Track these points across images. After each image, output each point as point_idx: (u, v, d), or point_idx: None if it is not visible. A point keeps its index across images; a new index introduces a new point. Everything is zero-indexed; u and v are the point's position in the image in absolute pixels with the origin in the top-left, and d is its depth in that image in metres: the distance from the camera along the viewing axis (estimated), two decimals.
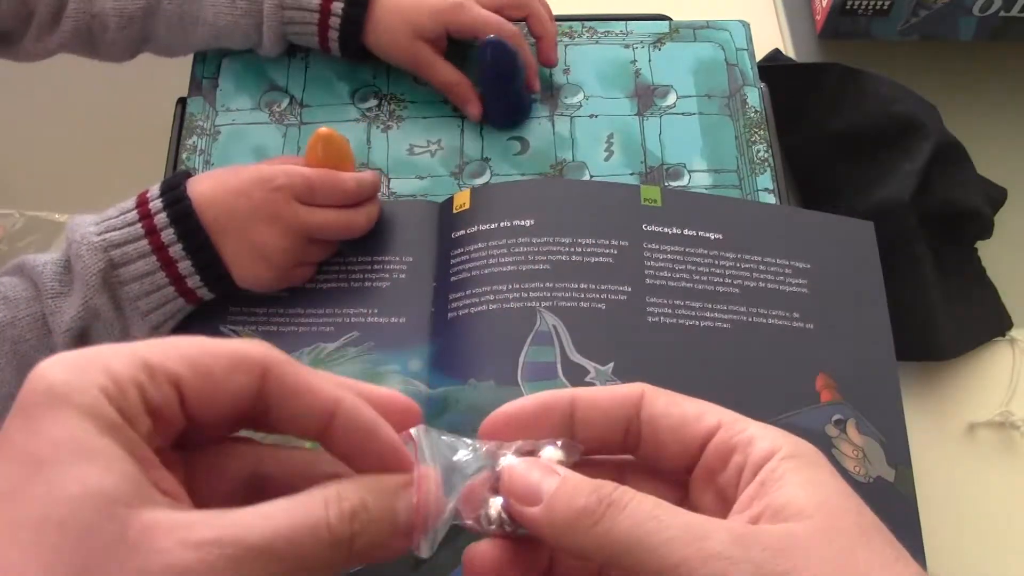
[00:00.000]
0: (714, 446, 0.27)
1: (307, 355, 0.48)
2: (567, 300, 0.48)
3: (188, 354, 0.24)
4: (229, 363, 0.25)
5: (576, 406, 0.28)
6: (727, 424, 0.27)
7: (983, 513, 0.54)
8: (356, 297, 0.50)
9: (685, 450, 0.28)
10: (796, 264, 0.51)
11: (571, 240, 0.50)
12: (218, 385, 0.25)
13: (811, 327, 0.49)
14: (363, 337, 0.49)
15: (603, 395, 0.28)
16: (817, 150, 0.64)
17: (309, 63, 0.61)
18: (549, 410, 0.28)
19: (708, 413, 0.28)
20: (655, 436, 0.28)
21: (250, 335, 0.49)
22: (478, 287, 0.49)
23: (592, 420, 0.28)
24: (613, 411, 0.28)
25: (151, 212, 0.47)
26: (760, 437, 0.26)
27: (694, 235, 0.51)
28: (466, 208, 0.52)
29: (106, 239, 0.46)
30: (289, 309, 0.50)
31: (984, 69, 0.71)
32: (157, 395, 0.24)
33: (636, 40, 0.62)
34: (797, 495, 0.24)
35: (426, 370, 0.48)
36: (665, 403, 0.28)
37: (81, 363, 0.23)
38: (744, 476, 0.26)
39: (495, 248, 0.50)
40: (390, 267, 0.51)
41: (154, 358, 0.24)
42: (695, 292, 0.49)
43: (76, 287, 0.46)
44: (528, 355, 0.46)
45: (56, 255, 0.47)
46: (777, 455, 0.26)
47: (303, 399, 0.25)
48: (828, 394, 0.47)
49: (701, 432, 0.27)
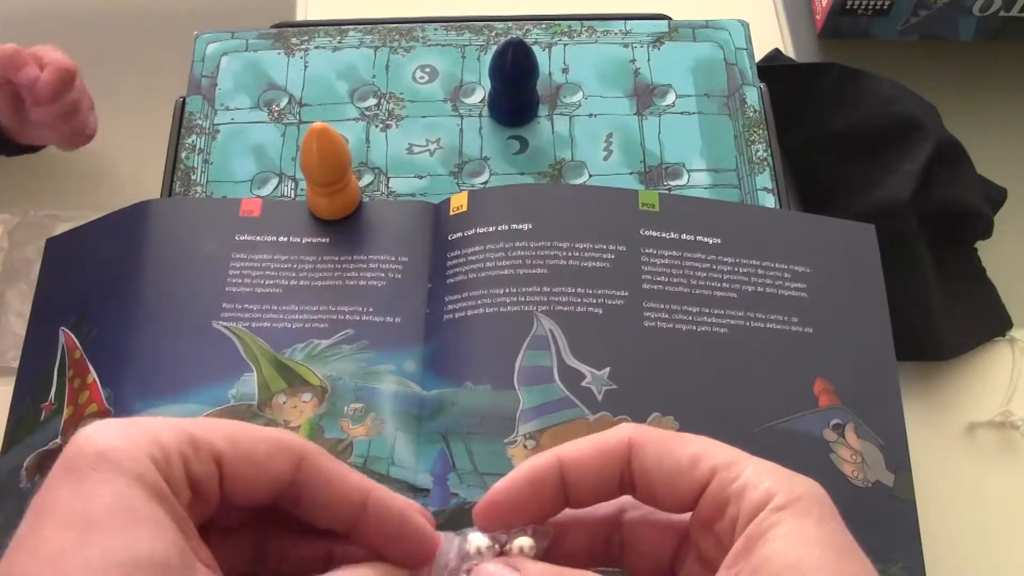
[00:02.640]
0: (709, 496, 0.26)
1: (301, 351, 0.48)
2: (564, 304, 0.48)
3: (230, 433, 0.25)
4: (269, 446, 0.25)
5: (564, 473, 0.28)
6: (721, 471, 0.26)
7: (983, 513, 0.54)
8: (351, 294, 0.50)
9: (681, 500, 0.27)
10: (795, 268, 0.50)
11: (568, 244, 0.49)
12: (257, 467, 0.25)
13: (810, 331, 0.49)
14: (357, 335, 0.49)
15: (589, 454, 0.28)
16: (817, 150, 0.64)
17: (308, 62, 0.61)
18: (540, 487, 0.28)
19: (702, 459, 0.27)
20: (649, 488, 0.28)
21: (243, 331, 0.49)
22: (474, 290, 0.49)
23: (584, 483, 0.28)
24: (603, 470, 0.28)
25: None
26: (753, 486, 0.26)
27: (692, 239, 0.50)
28: (463, 210, 0.52)
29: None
30: (283, 305, 0.50)
31: (984, 69, 0.71)
32: (200, 469, 0.24)
33: (635, 39, 0.62)
34: (773, 553, 0.24)
35: (420, 372, 0.47)
36: (655, 453, 0.27)
37: (130, 430, 0.23)
38: (737, 528, 0.26)
39: (492, 251, 0.50)
40: (385, 266, 0.51)
41: (199, 433, 0.24)
42: (692, 297, 0.49)
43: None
44: (525, 359, 0.46)
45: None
46: (768, 506, 0.25)
47: (337, 487, 0.26)
48: (827, 399, 0.47)
49: (696, 483, 0.27)
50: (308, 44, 0.61)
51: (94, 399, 0.48)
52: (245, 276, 0.50)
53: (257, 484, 0.25)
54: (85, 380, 0.49)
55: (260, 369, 0.47)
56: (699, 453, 0.27)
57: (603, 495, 0.28)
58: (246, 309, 0.50)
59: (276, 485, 0.26)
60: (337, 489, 0.26)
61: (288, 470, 0.26)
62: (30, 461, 0.48)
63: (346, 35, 0.62)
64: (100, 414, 0.47)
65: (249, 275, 0.50)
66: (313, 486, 0.26)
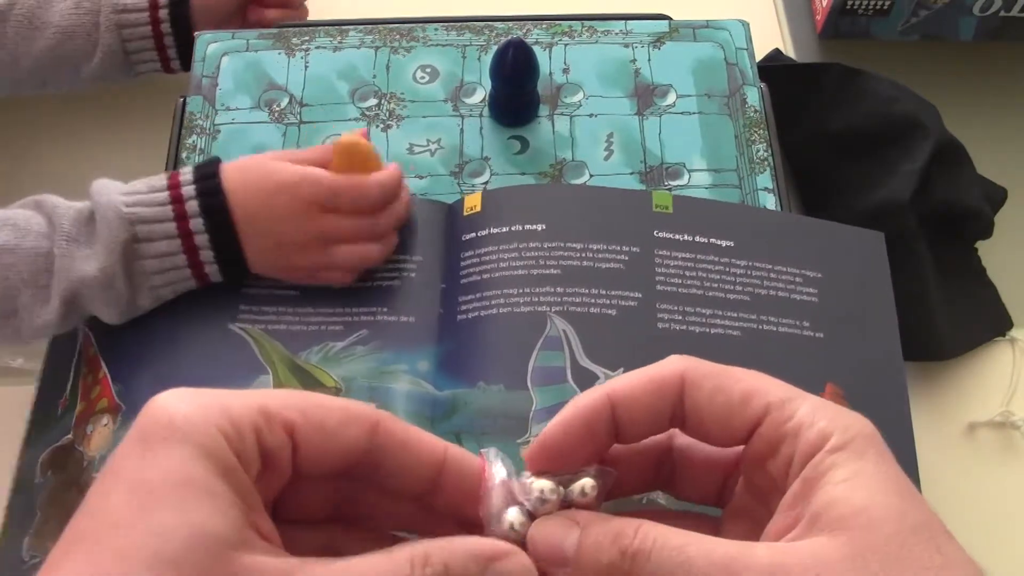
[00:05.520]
0: (762, 435, 0.26)
1: (316, 353, 0.48)
2: (577, 305, 0.48)
3: (303, 405, 0.25)
4: (342, 416, 0.25)
5: (616, 410, 0.27)
6: (775, 409, 0.26)
7: (983, 513, 0.54)
8: (365, 295, 0.50)
9: (733, 437, 0.27)
10: (807, 273, 0.50)
11: (582, 245, 0.49)
12: (330, 436, 0.25)
13: (821, 336, 0.49)
14: (371, 336, 0.49)
15: (641, 391, 0.27)
16: (817, 150, 0.64)
17: (309, 62, 0.61)
18: (591, 427, 0.27)
19: (755, 396, 0.26)
20: (700, 424, 0.27)
21: (259, 333, 0.49)
22: (488, 290, 0.49)
23: (635, 419, 0.27)
24: (655, 406, 0.27)
25: (183, 197, 0.47)
26: (808, 425, 0.25)
27: (705, 242, 0.50)
28: (477, 211, 0.52)
29: (135, 213, 0.47)
30: (299, 308, 0.50)
31: (984, 69, 0.71)
32: (272, 440, 0.24)
33: (636, 39, 0.62)
34: (836, 499, 0.24)
35: (434, 372, 0.47)
36: (709, 390, 0.27)
37: (203, 401, 0.24)
38: (792, 469, 0.25)
39: (506, 252, 0.50)
40: (400, 265, 0.51)
41: (272, 405, 0.24)
42: (706, 299, 0.49)
43: (98, 250, 0.46)
44: (538, 359, 0.46)
45: (79, 204, 0.48)
46: (825, 447, 0.25)
47: (413, 449, 0.26)
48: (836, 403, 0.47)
49: (748, 420, 0.26)
50: (309, 44, 0.61)
51: (105, 394, 0.48)
52: (263, 278, 0.50)
53: (331, 453, 0.25)
54: (97, 376, 0.49)
55: (276, 371, 0.47)
56: (752, 389, 0.27)
57: (654, 431, 0.28)
58: (263, 311, 0.50)
59: (350, 454, 0.26)
60: (414, 451, 0.26)
61: (363, 438, 0.26)
62: (44, 456, 0.48)
63: (347, 35, 0.62)
64: (111, 410, 0.47)
65: (265, 277, 0.50)
66: (390, 451, 0.26)
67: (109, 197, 0.47)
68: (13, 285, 0.46)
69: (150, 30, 0.63)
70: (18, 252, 0.46)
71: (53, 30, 0.62)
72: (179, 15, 0.63)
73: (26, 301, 0.47)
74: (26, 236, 0.46)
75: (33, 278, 0.46)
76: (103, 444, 0.46)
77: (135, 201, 0.47)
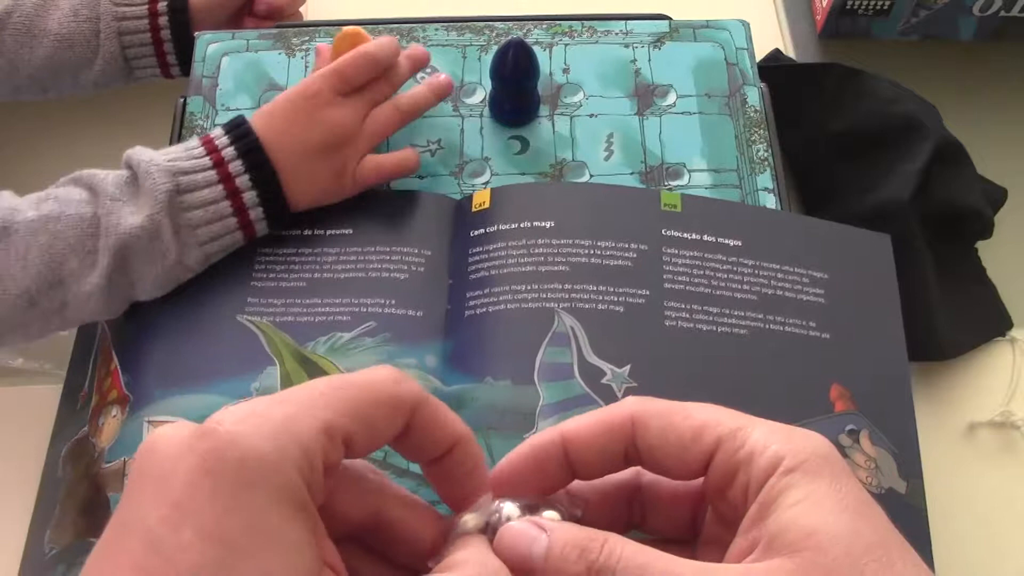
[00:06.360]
0: (716, 467, 0.27)
1: (323, 343, 0.48)
2: (585, 302, 0.48)
3: (355, 408, 0.25)
4: (390, 410, 0.26)
5: (568, 449, 0.28)
6: (726, 440, 0.26)
7: (983, 513, 0.54)
8: (374, 287, 0.50)
9: (689, 471, 0.27)
10: (814, 274, 0.50)
11: (590, 243, 0.49)
12: (379, 434, 0.26)
13: (827, 336, 0.49)
14: (379, 328, 0.49)
15: (592, 432, 0.28)
16: (817, 150, 0.64)
17: (309, 62, 0.61)
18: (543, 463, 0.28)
19: (705, 431, 0.27)
20: (655, 462, 0.28)
21: (267, 325, 0.49)
22: (496, 286, 0.49)
23: (588, 459, 0.28)
24: (607, 446, 0.28)
25: (218, 147, 0.49)
26: (760, 451, 0.25)
27: (713, 241, 0.50)
28: (485, 207, 0.52)
29: (175, 165, 0.48)
30: (306, 299, 0.50)
31: (984, 69, 0.71)
32: (334, 458, 0.25)
33: (636, 39, 0.62)
34: (789, 522, 0.24)
35: (441, 366, 0.47)
36: (659, 428, 0.27)
37: (277, 437, 0.23)
38: (749, 495, 0.25)
39: (514, 248, 0.50)
40: (408, 259, 0.51)
41: (332, 420, 0.24)
42: (713, 298, 0.49)
43: (143, 201, 0.47)
44: (545, 355, 0.46)
45: (117, 172, 0.49)
46: (778, 470, 0.25)
47: (438, 431, 0.27)
48: (842, 404, 0.47)
49: (702, 454, 0.27)
50: (309, 44, 0.61)
51: (115, 385, 0.48)
52: (270, 270, 0.51)
53: (376, 444, 0.26)
54: (109, 368, 0.49)
55: (283, 362, 0.48)
56: (702, 424, 0.27)
57: (610, 468, 0.29)
58: (270, 304, 0.50)
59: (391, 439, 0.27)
60: (436, 433, 0.27)
61: (403, 424, 0.26)
62: (65, 451, 0.49)
63: None
64: (120, 400, 0.47)
65: (274, 269, 0.51)
66: (424, 429, 0.27)
67: (149, 155, 0.48)
68: (59, 252, 0.46)
69: (150, 37, 0.63)
70: (63, 219, 0.47)
71: (52, 38, 0.62)
72: (178, 22, 0.63)
73: (74, 267, 0.47)
74: (68, 205, 0.47)
75: (80, 243, 0.47)
76: (112, 435, 0.47)
77: (174, 157, 0.48)
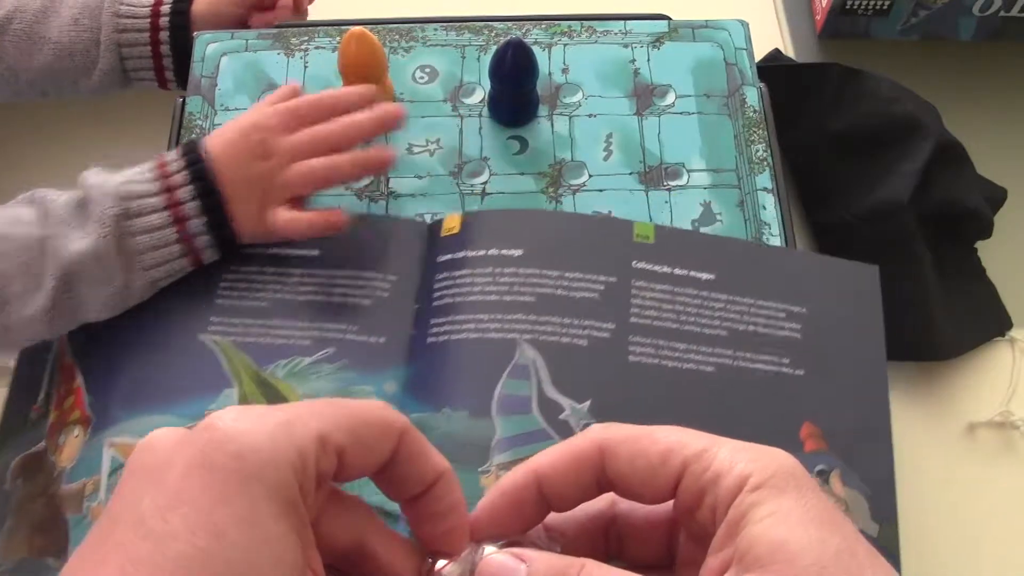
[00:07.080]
0: (684, 489, 0.27)
1: (283, 367, 0.47)
2: (549, 334, 0.47)
3: (348, 423, 0.25)
4: (379, 431, 0.26)
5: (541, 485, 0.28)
6: (692, 462, 0.27)
7: (983, 513, 0.54)
8: (336, 312, 0.49)
9: (660, 495, 0.28)
10: (791, 308, 0.49)
11: (558, 273, 0.48)
12: (370, 452, 0.26)
13: (801, 373, 0.47)
14: (339, 354, 0.48)
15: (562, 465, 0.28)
16: (816, 150, 0.64)
17: (308, 62, 0.61)
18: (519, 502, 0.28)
19: (672, 454, 0.27)
20: (626, 487, 0.28)
21: (227, 345, 0.48)
22: (460, 314, 0.48)
23: (562, 492, 0.28)
24: (578, 478, 0.28)
25: (169, 172, 0.48)
26: (726, 471, 0.26)
27: (685, 274, 0.49)
28: (455, 232, 0.51)
29: (126, 188, 0.47)
30: (268, 320, 0.49)
31: (984, 69, 0.71)
32: (326, 467, 0.25)
33: (635, 39, 0.62)
34: (758, 537, 0.24)
35: (400, 394, 0.47)
36: (627, 455, 0.28)
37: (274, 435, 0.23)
38: (717, 515, 0.26)
39: (480, 276, 0.49)
40: (373, 284, 0.50)
41: (326, 430, 0.25)
42: (680, 333, 0.47)
43: (90, 227, 0.46)
44: (504, 387, 0.45)
45: (71, 193, 0.48)
46: (744, 487, 0.25)
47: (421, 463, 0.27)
48: (813, 443, 0.46)
49: (669, 478, 0.27)
50: (308, 44, 0.61)
51: (77, 405, 0.47)
52: (235, 288, 0.50)
53: (366, 467, 0.26)
54: (71, 386, 0.48)
55: (242, 384, 0.47)
56: (669, 448, 0.27)
57: (584, 498, 0.29)
58: (232, 324, 0.49)
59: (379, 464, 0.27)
60: (421, 465, 0.27)
61: (391, 449, 0.26)
62: (16, 463, 0.48)
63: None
64: (82, 421, 0.47)
65: (238, 287, 0.50)
66: (407, 459, 0.27)
67: (101, 178, 0.48)
68: (3, 273, 0.46)
69: (149, 50, 0.63)
70: (9, 240, 0.46)
71: (52, 46, 0.62)
72: (179, 36, 0.63)
73: (17, 290, 0.46)
74: (16, 225, 0.47)
75: (25, 266, 0.46)
76: (73, 455, 0.46)
77: (127, 180, 0.48)
